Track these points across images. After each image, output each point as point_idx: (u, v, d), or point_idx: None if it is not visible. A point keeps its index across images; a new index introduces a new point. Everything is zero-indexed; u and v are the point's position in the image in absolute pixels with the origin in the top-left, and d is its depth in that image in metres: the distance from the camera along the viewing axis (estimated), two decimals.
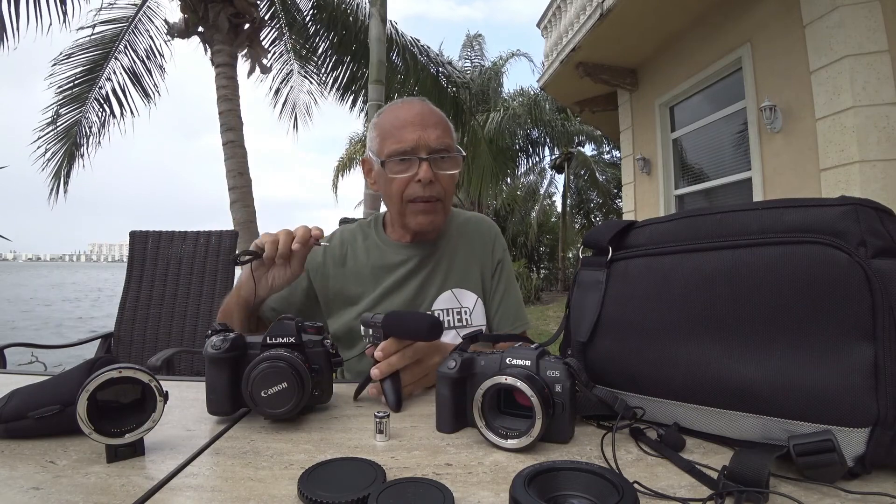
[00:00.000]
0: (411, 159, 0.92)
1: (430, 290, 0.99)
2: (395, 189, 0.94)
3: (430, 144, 0.92)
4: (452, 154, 0.95)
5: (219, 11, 5.01)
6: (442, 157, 0.93)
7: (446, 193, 0.96)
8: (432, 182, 0.92)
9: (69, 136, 5.63)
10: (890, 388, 0.42)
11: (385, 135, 0.95)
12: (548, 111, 12.93)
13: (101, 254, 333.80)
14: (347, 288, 1.00)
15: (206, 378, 0.62)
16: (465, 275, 1.01)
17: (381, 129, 0.97)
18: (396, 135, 0.93)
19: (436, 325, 0.66)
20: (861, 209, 0.45)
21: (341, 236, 1.07)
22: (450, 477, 0.46)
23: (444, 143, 0.93)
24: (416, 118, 0.93)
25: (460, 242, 1.04)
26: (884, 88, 3.06)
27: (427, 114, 0.95)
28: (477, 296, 1.01)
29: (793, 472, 0.44)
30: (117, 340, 2.05)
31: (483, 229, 1.08)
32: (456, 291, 0.99)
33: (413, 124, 0.92)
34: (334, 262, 1.03)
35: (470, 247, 1.04)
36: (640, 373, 0.57)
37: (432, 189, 0.92)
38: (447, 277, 1.00)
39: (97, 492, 0.43)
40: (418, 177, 0.91)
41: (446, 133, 0.95)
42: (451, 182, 0.97)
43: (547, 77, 6.32)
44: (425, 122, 0.93)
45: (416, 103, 0.98)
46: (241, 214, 5.03)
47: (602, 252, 0.63)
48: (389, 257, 1.01)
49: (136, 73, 5.72)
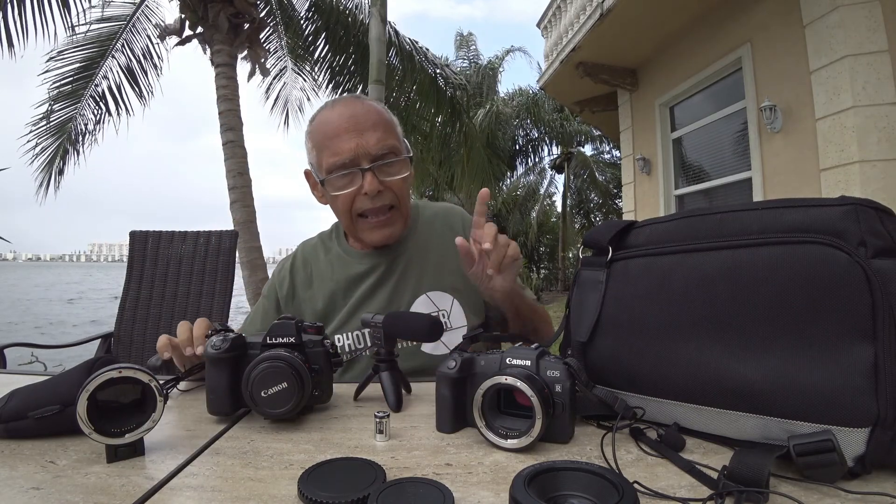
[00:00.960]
0: (353, 171, 0.84)
1: (404, 296, 0.93)
2: (342, 206, 0.87)
3: (371, 151, 0.84)
4: (399, 157, 0.87)
5: (218, 11, 5.01)
6: (387, 162, 0.85)
7: (400, 199, 0.89)
8: (381, 191, 0.85)
9: (63, 132, 5.62)
10: (890, 388, 0.42)
11: (320, 146, 0.87)
12: (547, 111, 12.94)
13: (101, 254, 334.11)
14: (318, 308, 0.95)
15: (206, 378, 0.62)
16: (438, 276, 0.94)
17: (314, 139, 0.88)
18: (331, 146, 0.84)
19: (436, 324, 0.67)
20: (861, 209, 0.45)
21: (303, 255, 1.01)
22: (450, 477, 0.46)
23: (386, 147, 0.85)
24: (349, 124, 0.84)
25: (430, 240, 0.97)
26: (884, 88, 3.06)
27: (361, 116, 0.85)
28: (452, 297, 0.94)
29: (793, 472, 0.44)
30: (117, 340, 2.05)
31: (452, 221, 1.00)
32: (431, 295, 0.93)
33: (348, 131, 0.84)
34: (301, 284, 0.98)
35: (441, 242, 0.96)
36: (640, 373, 0.57)
37: (383, 199, 0.86)
38: (420, 281, 0.94)
39: (97, 492, 0.43)
40: (364, 189, 0.84)
41: (388, 133, 0.87)
42: (404, 185, 0.89)
43: (547, 77, 6.32)
44: (360, 125, 0.84)
45: (348, 103, 0.89)
46: (241, 214, 5.03)
47: (602, 252, 0.63)
48: (354, 268, 0.95)
49: (133, 71, 5.72)
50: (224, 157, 5.08)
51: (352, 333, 0.92)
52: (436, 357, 0.90)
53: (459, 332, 0.92)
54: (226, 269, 2.11)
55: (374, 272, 0.94)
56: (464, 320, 0.94)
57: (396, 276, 0.94)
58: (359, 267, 0.95)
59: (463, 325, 0.94)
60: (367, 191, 0.84)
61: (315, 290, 0.97)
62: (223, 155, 5.09)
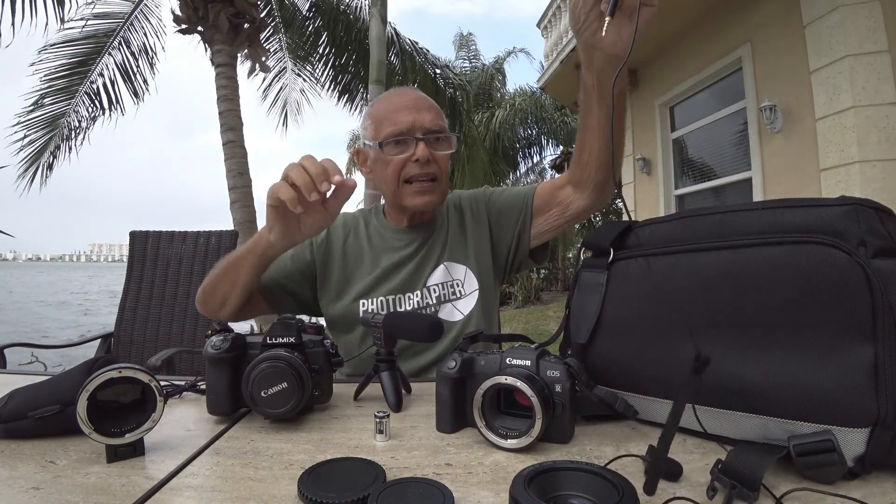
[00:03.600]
0: (407, 140, 0.94)
1: (426, 269, 1.01)
2: (392, 170, 0.96)
3: (426, 125, 0.95)
4: (447, 134, 0.99)
5: (219, 11, 5.01)
6: (437, 137, 0.96)
7: (442, 172, 0.98)
8: (429, 161, 0.95)
9: (54, 128, 5.59)
10: (890, 388, 0.42)
11: (380, 120, 0.98)
12: (548, 109, 12.94)
13: (101, 254, 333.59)
14: (346, 269, 1.02)
15: (206, 378, 0.62)
16: (455, 248, 1.03)
17: (375, 116, 1.00)
18: (392, 118, 0.96)
19: (436, 324, 0.67)
20: (861, 209, 0.45)
21: (344, 219, 1.09)
22: (450, 477, 0.46)
23: (438, 126, 0.97)
24: (409, 103, 0.97)
25: (453, 218, 1.06)
26: (884, 88, 3.06)
27: (420, 99, 0.99)
28: (466, 266, 1.02)
29: (793, 473, 0.44)
30: (117, 340, 2.05)
31: (477, 196, 1.08)
32: (447, 265, 1.01)
33: (408, 108, 0.96)
34: (336, 240, 1.05)
35: (462, 219, 1.05)
36: (640, 373, 0.57)
37: (429, 167, 0.95)
38: (441, 254, 1.03)
39: (97, 492, 0.43)
40: (415, 156, 0.93)
41: (439, 116, 0.99)
42: (447, 162, 1.00)
43: (547, 77, 6.32)
44: (419, 105, 0.97)
45: (408, 90, 1.03)
46: (241, 214, 5.04)
47: (603, 254, 0.63)
48: (389, 241, 1.04)
49: (130, 70, 5.70)
50: (224, 157, 5.08)
51: (376, 299, 0.99)
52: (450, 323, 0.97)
53: (473, 297, 1.00)
54: None
55: (406, 247, 1.02)
56: (476, 284, 1.01)
57: (423, 253, 1.02)
58: (393, 240, 1.04)
59: (475, 289, 1.01)
60: (418, 157, 0.93)
61: (347, 248, 1.04)
62: (223, 155, 5.09)
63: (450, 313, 0.99)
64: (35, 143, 5.61)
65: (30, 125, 5.52)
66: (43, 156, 5.67)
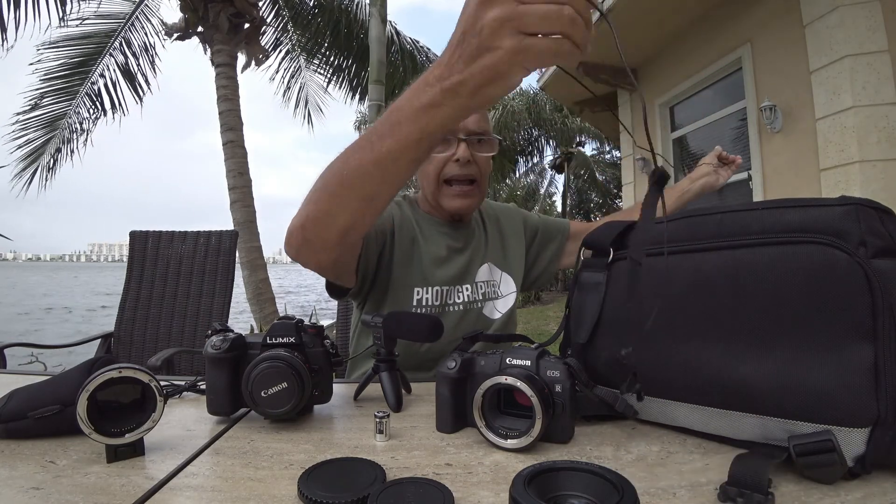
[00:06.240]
0: (450, 139, 0.94)
1: (476, 264, 1.04)
2: (433, 169, 0.96)
3: (469, 126, 0.94)
4: (489, 137, 0.98)
5: (219, 11, 5.01)
6: (479, 139, 0.96)
7: (482, 175, 0.98)
8: (470, 162, 0.94)
9: (54, 128, 5.57)
10: (890, 388, 0.42)
11: None
12: (547, 111, 12.94)
13: (101, 254, 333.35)
14: (404, 247, 0.97)
15: (206, 378, 0.62)
16: (495, 251, 1.08)
17: None
18: None
19: (437, 324, 0.67)
20: (861, 209, 0.45)
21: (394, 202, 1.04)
22: (450, 477, 0.46)
23: (481, 128, 0.96)
24: None
25: (491, 224, 1.11)
26: (884, 88, 3.06)
27: None
28: (503, 271, 1.08)
29: (793, 473, 0.44)
30: (117, 340, 2.05)
31: (511, 211, 1.18)
32: (490, 265, 1.06)
33: None
34: (397, 219, 0.99)
35: (500, 227, 1.12)
36: (640, 373, 0.57)
37: (469, 169, 0.95)
38: (485, 253, 1.06)
39: (97, 492, 0.43)
40: (456, 156, 0.93)
41: (484, 119, 0.99)
42: (488, 164, 1.00)
43: (547, 77, 6.31)
44: None
45: None
46: (241, 214, 5.04)
47: (603, 253, 0.63)
48: (437, 231, 1.02)
49: (130, 70, 5.70)
50: (224, 156, 5.09)
51: (432, 289, 0.96)
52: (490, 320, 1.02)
53: (510, 299, 1.07)
54: (226, 269, 2.11)
55: (455, 241, 1.03)
56: (513, 287, 1.08)
57: (472, 249, 1.05)
58: (440, 232, 1.03)
59: (512, 291, 1.08)
60: (458, 157, 0.93)
61: (403, 228, 0.99)
62: (223, 155, 5.09)
63: (490, 311, 1.03)
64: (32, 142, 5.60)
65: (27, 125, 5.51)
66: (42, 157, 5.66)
